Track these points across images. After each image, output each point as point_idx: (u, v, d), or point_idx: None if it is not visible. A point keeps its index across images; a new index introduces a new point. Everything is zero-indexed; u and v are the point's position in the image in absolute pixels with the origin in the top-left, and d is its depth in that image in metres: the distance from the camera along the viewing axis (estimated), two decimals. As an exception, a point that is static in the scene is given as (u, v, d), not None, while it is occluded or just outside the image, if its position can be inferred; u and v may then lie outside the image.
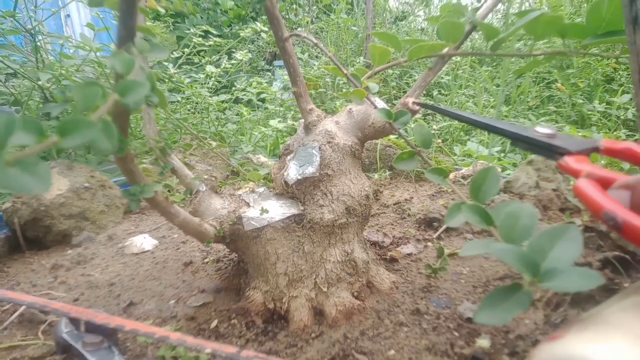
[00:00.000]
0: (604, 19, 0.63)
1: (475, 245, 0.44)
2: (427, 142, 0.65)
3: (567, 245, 0.39)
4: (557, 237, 0.40)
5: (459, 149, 1.76)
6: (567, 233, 0.39)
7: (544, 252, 0.39)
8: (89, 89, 0.37)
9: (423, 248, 1.02)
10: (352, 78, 0.71)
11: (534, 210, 0.44)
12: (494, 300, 0.39)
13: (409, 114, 0.67)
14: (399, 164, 0.67)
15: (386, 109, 0.67)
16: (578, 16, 3.74)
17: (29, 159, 0.29)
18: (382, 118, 0.66)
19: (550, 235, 0.40)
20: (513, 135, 0.57)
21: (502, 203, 0.48)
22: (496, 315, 0.37)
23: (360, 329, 0.76)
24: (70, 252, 1.11)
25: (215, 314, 0.82)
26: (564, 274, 0.37)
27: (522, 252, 0.39)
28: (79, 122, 0.33)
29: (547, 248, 0.39)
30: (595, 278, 0.34)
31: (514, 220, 0.44)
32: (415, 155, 0.66)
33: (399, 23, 4.71)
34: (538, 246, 0.40)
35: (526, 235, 0.43)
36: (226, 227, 0.81)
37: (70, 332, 0.69)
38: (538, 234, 0.40)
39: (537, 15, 0.65)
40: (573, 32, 0.66)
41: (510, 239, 0.43)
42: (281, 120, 2.23)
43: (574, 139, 0.53)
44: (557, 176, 1.17)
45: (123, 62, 0.43)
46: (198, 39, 2.37)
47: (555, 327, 0.70)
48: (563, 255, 0.38)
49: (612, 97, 2.88)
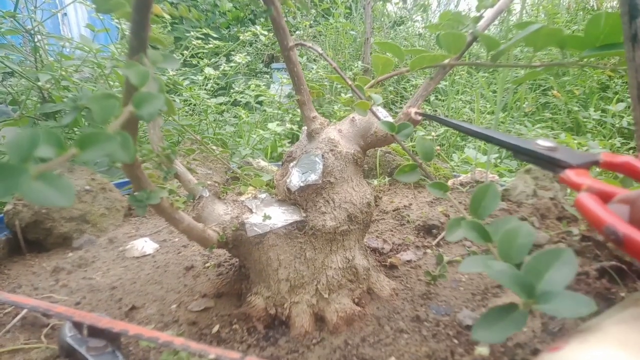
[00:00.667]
0: (602, 32, 0.65)
1: (474, 263, 0.46)
2: (429, 155, 0.66)
3: (562, 268, 0.40)
4: (552, 259, 0.41)
5: (458, 156, 1.78)
6: (562, 256, 0.41)
7: (539, 274, 0.41)
8: (106, 101, 0.38)
9: (422, 255, 1.03)
10: (356, 89, 0.72)
11: (532, 230, 0.45)
12: (491, 318, 0.41)
13: (411, 127, 0.68)
14: (401, 176, 0.68)
15: (389, 122, 0.68)
16: (574, 24, 3.79)
17: (51, 173, 0.30)
18: (385, 130, 0.67)
19: (545, 257, 0.41)
20: (514, 148, 0.58)
21: (500, 219, 0.50)
22: (493, 334, 0.39)
23: (361, 336, 0.77)
24: (71, 255, 1.11)
25: (217, 319, 0.83)
26: (559, 297, 0.38)
27: (518, 274, 0.41)
28: (99, 136, 0.34)
29: (543, 270, 0.41)
30: (588, 305, 0.36)
31: (512, 238, 0.46)
32: (416, 168, 0.68)
33: (397, 28, 4.74)
34: (534, 268, 0.41)
35: (523, 254, 0.44)
36: (229, 233, 0.82)
37: (74, 336, 0.70)
38: (533, 255, 0.42)
39: (537, 28, 0.66)
40: (572, 44, 0.68)
41: (507, 257, 0.45)
42: (280, 123, 2.24)
43: (574, 152, 0.54)
44: (554, 185, 1.19)
45: (138, 74, 0.44)
46: (197, 41, 2.38)
47: (553, 336, 0.71)
48: (558, 278, 0.40)
49: (607, 104, 2.92)
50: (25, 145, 0.30)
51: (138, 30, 0.50)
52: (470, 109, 3.13)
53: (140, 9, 0.48)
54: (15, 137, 0.30)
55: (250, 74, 4.60)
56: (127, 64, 0.46)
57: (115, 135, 0.35)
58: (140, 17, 0.49)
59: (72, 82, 1.77)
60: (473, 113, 3.04)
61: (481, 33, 0.77)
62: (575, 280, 0.82)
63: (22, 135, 0.31)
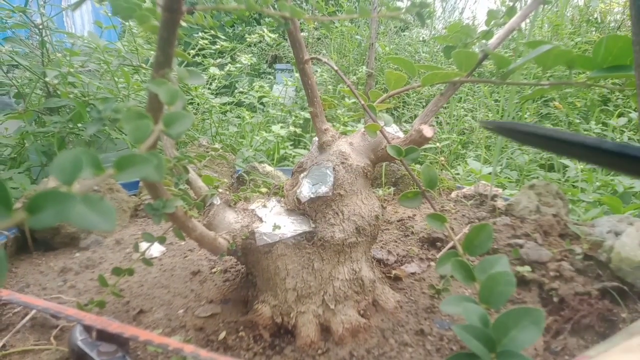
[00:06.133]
0: (611, 53, 0.66)
1: (454, 304, 0.50)
2: (433, 184, 0.68)
3: (529, 329, 0.43)
4: (522, 317, 0.44)
5: (462, 168, 1.79)
6: (531, 315, 0.44)
7: (506, 329, 0.44)
8: (141, 121, 0.39)
9: (426, 267, 1.04)
10: (368, 110, 0.73)
11: (513, 279, 0.48)
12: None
13: (418, 151, 0.70)
14: (404, 202, 0.70)
15: (396, 147, 0.70)
16: (577, 35, 3.81)
17: (94, 196, 0.31)
18: (393, 155, 0.69)
19: (516, 314, 0.44)
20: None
21: (490, 259, 0.53)
22: None
23: (366, 347, 0.78)
24: (78, 255, 1.12)
25: (223, 326, 0.84)
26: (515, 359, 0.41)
27: (482, 330, 0.44)
28: (135, 158, 0.35)
29: (511, 326, 0.44)
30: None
31: (493, 285, 0.49)
32: (419, 195, 0.69)
33: (401, 34, 4.76)
34: (503, 323, 0.44)
35: (501, 301, 0.48)
36: (239, 241, 0.83)
37: (84, 340, 0.70)
38: (505, 311, 0.44)
39: (548, 48, 0.68)
40: (580, 64, 0.70)
41: (487, 301, 0.49)
42: (283, 126, 2.25)
43: None
44: (557, 201, 1.20)
45: (168, 92, 0.45)
46: (204, 41, 2.39)
47: (555, 355, 0.72)
48: (522, 338, 0.43)
49: (608, 117, 2.94)
50: (69, 169, 0.31)
51: (165, 46, 0.51)
52: (472, 117, 3.15)
53: (169, 25, 0.49)
54: (59, 161, 0.31)
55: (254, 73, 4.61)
56: (155, 81, 0.47)
57: (151, 158, 0.36)
58: (167, 33, 0.50)
59: (79, 78, 1.78)
60: (475, 121, 3.06)
61: (492, 51, 0.78)
62: (577, 300, 0.84)
63: (65, 159, 0.32)
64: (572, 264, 0.96)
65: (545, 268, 0.97)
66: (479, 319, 0.46)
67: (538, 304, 0.90)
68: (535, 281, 0.94)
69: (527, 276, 0.95)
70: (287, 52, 4.85)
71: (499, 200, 1.36)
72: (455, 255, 0.58)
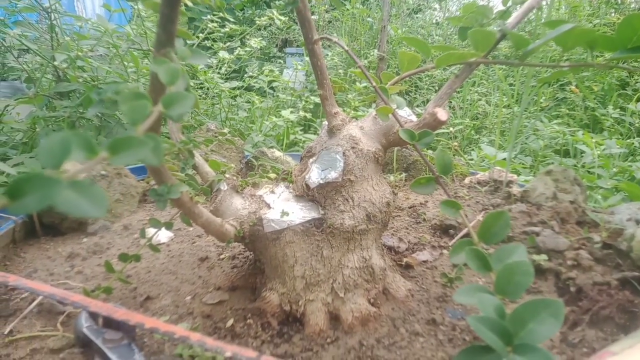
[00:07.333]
0: (636, 32, 0.62)
1: (468, 294, 0.48)
2: (447, 169, 0.65)
3: (547, 321, 0.41)
4: (540, 309, 0.42)
5: (476, 154, 1.75)
6: (550, 307, 0.41)
7: (524, 322, 0.42)
8: (137, 101, 0.37)
9: (439, 255, 1.02)
10: (380, 92, 0.70)
11: (531, 269, 0.46)
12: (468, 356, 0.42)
13: (432, 135, 0.67)
14: (417, 188, 0.67)
15: (410, 131, 0.66)
16: (596, 17, 3.69)
17: (83, 180, 0.29)
18: (406, 139, 0.66)
19: (534, 306, 0.42)
20: None
21: (506, 247, 0.50)
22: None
23: (376, 337, 0.76)
24: (86, 240, 1.12)
25: (231, 313, 0.82)
26: (534, 354, 0.39)
27: (498, 322, 0.41)
28: (131, 140, 0.33)
29: (529, 319, 0.42)
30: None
31: (510, 275, 0.47)
32: (433, 181, 0.66)
33: (414, 16, 4.66)
34: (520, 315, 0.42)
35: (519, 292, 0.45)
36: (246, 227, 0.81)
37: (90, 327, 0.70)
38: (523, 303, 0.42)
39: (569, 28, 0.64)
40: (603, 45, 0.65)
41: (502, 292, 0.46)
42: (293, 110, 2.22)
43: None
44: (575, 188, 1.16)
45: (168, 71, 0.42)
46: (214, 24, 2.36)
47: (572, 347, 0.70)
48: (540, 331, 0.40)
49: (627, 102, 2.86)
50: (57, 152, 0.29)
51: (166, 23, 0.48)
52: (487, 101, 3.08)
53: (170, 2, 0.47)
54: (47, 143, 0.29)
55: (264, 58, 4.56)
56: (155, 60, 0.45)
57: (147, 140, 0.33)
58: (169, 10, 0.47)
59: (87, 62, 1.76)
60: (489, 106, 3.00)
61: (510, 31, 0.74)
62: (596, 290, 0.81)
63: (53, 141, 0.29)
64: (591, 253, 0.92)
65: (562, 257, 0.94)
66: (494, 310, 0.44)
67: (554, 293, 0.87)
68: (551, 270, 0.91)
69: (544, 265, 0.92)
70: (297, 35, 4.79)
71: (514, 187, 1.32)
72: (469, 243, 0.56)
